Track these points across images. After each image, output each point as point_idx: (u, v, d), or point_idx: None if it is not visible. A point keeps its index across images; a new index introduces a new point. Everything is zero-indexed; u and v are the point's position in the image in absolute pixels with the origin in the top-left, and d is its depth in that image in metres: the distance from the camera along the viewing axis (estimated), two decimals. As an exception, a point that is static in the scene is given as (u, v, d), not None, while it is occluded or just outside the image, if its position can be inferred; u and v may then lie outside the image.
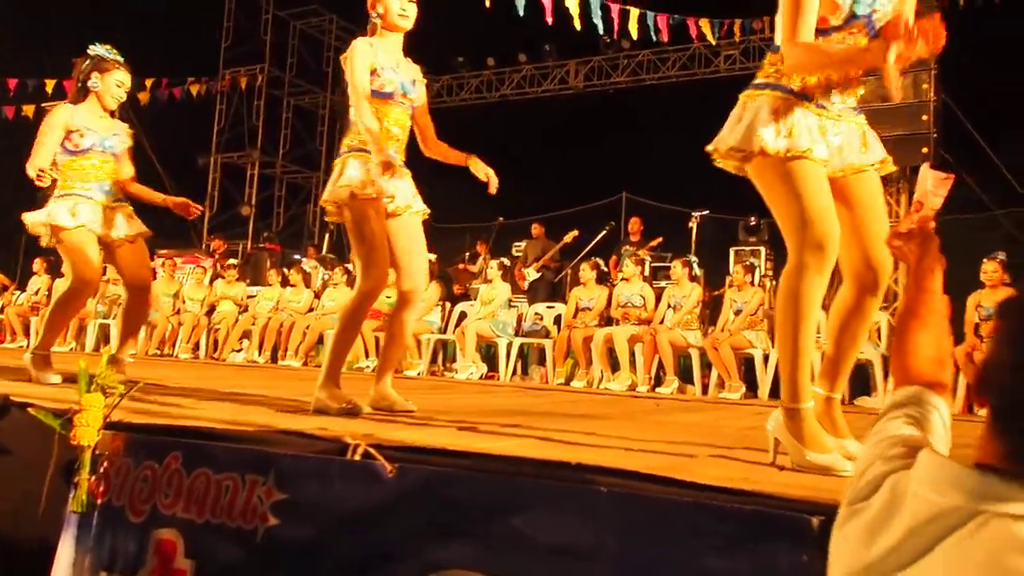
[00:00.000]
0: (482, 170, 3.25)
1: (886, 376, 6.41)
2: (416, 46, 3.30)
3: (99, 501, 2.06)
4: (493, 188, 3.23)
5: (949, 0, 8.28)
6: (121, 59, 3.97)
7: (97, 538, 2.03)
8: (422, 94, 3.26)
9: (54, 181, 3.87)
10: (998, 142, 9.46)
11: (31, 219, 3.91)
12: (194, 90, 14.33)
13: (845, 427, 2.24)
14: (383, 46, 3.14)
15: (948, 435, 1.24)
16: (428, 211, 3.29)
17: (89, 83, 3.91)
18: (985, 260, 6.30)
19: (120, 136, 4.01)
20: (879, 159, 2.24)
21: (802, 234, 2.06)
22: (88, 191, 3.88)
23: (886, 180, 8.83)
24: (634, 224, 9.93)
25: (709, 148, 2.27)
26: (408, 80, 3.18)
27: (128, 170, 4.05)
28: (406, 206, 3.19)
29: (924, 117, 7.75)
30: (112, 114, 4.04)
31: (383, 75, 3.09)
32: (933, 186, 1.66)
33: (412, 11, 3.16)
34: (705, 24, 10.81)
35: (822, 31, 2.15)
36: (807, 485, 1.71)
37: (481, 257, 10.31)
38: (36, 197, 3.97)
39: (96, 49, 3.94)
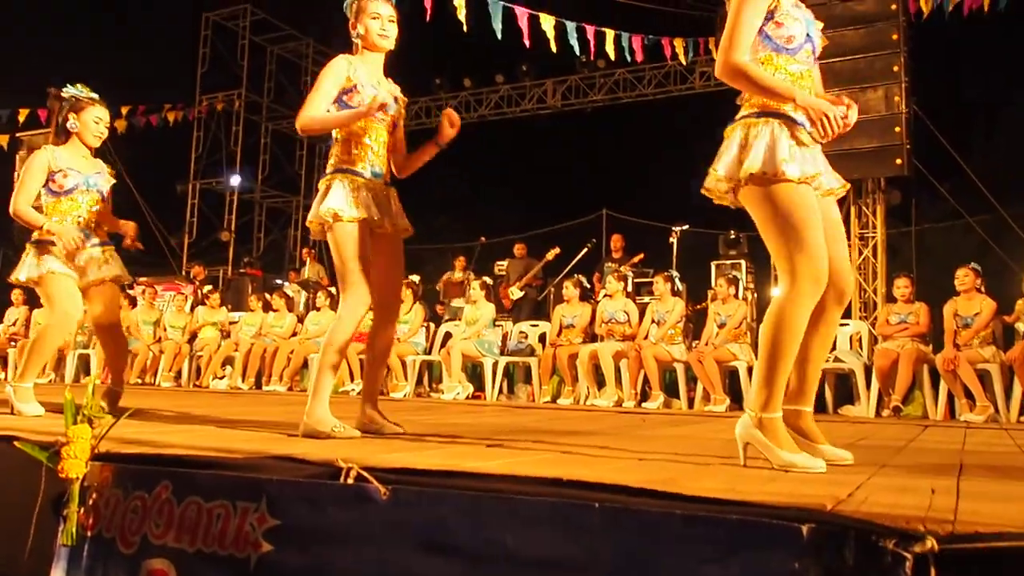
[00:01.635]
0: (445, 125, 3.23)
1: (868, 385, 6.48)
2: (394, 68, 3.34)
3: (89, 533, 2.04)
4: (455, 120, 3.24)
5: (912, 13, 8.41)
6: (96, 96, 3.95)
7: (88, 571, 2.01)
8: (400, 111, 3.28)
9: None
10: (969, 151, 9.63)
11: (23, 277, 3.84)
12: (171, 117, 14.32)
13: (818, 433, 2.38)
14: (364, 64, 3.17)
15: None
16: (411, 230, 3.29)
17: (68, 125, 3.88)
18: (958, 268, 6.38)
19: (103, 174, 4.00)
20: (841, 184, 2.43)
21: (803, 264, 2.20)
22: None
23: (860, 190, 8.91)
24: (616, 241, 10.01)
25: (739, 175, 2.31)
26: (389, 97, 3.22)
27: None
28: (392, 225, 3.19)
29: (896, 129, 7.86)
30: (95, 153, 4.04)
31: (363, 91, 3.10)
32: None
33: (392, 31, 3.19)
34: (679, 43, 10.93)
35: (792, 49, 2.37)
36: (794, 492, 1.73)
37: (459, 271, 10.38)
38: (11, 235, 3.90)
39: (69, 91, 3.92)
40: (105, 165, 4.09)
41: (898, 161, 7.90)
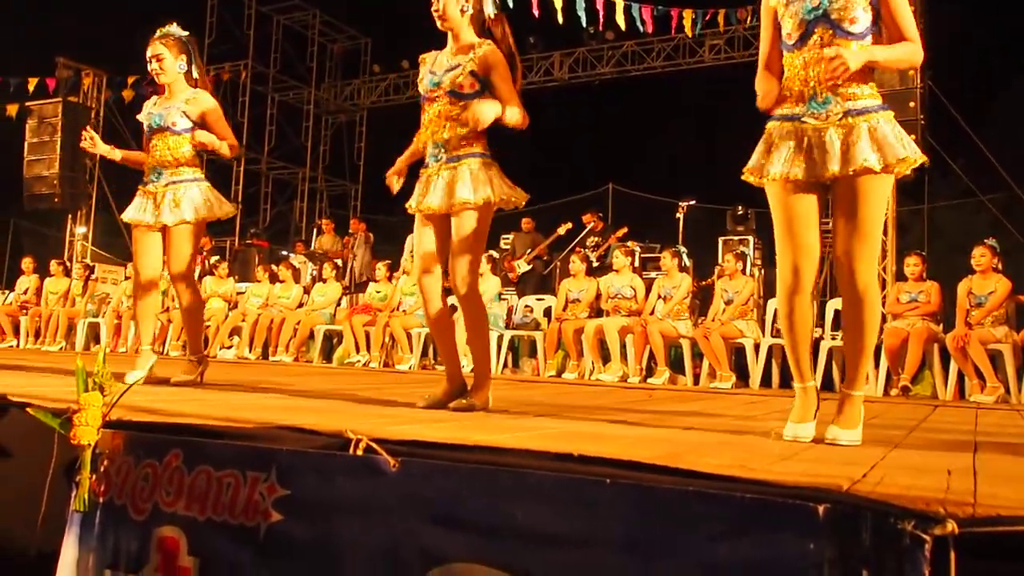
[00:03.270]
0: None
1: (877, 364, 6.46)
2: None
3: (100, 500, 2.05)
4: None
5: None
6: (160, 33, 3.94)
7: (100, 537, 2.02)
8: (453, 75, 3.14)
9: None
10: (983, 128, 9.53)
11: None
12: (178, 87, 14.21)
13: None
14: (445, 50, 3.24)
15: None
16: (458, 206, 3.13)
17: None
18: (975, 246, 6.32)
19: (172, 108, 3.91)
20: (857, 165, 2.29)
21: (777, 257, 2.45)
22: (146, 181, 3.97)
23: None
24: (589, 218, 9.95)
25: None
26: (442, 70, 3.16)
27: (204, 135, 3.90)
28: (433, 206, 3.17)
29: (911, 104, 7.77)
30: (195, 85, 3.99)
31: (424, 82, 3.22)
32: None
33: (441, 12, 3.17)
34: (688, 15, 10.81)
35: (792, 45, 2.41)
36: (808, 472, 1.72)
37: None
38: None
39: None
40: (192, 92, 3.95)
41: (912, 137, 7.80)
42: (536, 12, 9.46)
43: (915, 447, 2.39)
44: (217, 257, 10.65)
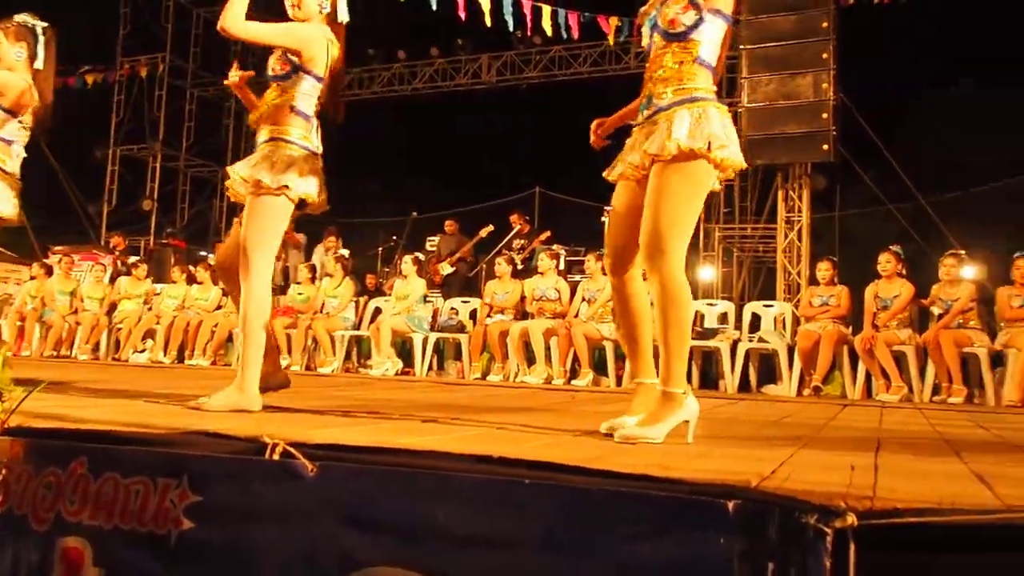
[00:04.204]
0: None
1: (791, 365, 6.67)
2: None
3: (-1, 510, 1.96)
4: None
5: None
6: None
7: (-3, 549, 1.93)
8: (272, 59, 3.24)
9: None
10: (892, 140, 9.95)
11: None
12: (90, 79, 13.72)
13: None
14: None
15: None
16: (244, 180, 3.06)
17: None
18: (881, 252, 6.59)
19: None
20: (651, 152, 2.42)
21: None
22: None
23: (787, 175, 9.06)
24: (515, 219, 10.02)
25: None
26: None
27: None
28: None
29: (824, 115, 8.05)
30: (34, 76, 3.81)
31: None
32: None
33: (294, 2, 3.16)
34: (614, 21, 10.97)
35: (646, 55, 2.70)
36: (720, 469, 1.76)
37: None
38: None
39: None
40: None
41: (825, 147, 8.09)
42: (463, 15, 9.46)
43: (823, 445, 2.48)
44: (136, 258, 10.31)
